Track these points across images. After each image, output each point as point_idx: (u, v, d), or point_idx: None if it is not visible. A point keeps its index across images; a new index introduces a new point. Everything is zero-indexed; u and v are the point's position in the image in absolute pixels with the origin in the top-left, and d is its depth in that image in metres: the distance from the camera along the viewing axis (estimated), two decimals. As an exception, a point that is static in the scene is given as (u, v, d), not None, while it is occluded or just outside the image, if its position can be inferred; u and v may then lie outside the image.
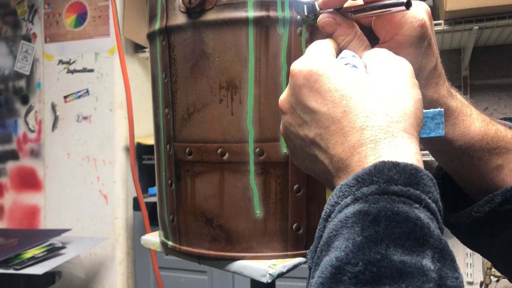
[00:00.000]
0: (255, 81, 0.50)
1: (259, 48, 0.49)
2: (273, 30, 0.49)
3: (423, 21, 0.40)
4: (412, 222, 0.28)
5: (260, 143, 0.50)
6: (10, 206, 2.02)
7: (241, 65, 0.50)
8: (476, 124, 0.45)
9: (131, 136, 1.13)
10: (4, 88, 2.06)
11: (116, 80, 1.85)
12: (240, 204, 0.51)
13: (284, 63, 0.49)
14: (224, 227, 0.52)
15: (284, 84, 0.49)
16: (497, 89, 1.79)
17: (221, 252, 0.52)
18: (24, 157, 2.01)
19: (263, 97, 0.50)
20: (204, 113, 0.51)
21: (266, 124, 0.50)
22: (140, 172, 1.91)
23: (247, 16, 0.49)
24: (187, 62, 0.52)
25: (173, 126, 0.54)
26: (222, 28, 0.50)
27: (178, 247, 0.55)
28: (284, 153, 0.50)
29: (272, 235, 0.51)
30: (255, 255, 0.51)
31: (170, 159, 0.55)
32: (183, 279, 1.76)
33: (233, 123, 0.50)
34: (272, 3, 0.49)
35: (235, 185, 0.51)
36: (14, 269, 1.39)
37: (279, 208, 0.51)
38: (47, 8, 1.97)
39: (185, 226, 0.54)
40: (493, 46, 1.75)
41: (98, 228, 1.87)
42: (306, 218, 0.51)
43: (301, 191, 0.50)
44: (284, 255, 0.51)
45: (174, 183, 0.55)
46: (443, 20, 1.49)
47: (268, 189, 0.50)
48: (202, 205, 0.53)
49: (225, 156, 0.51)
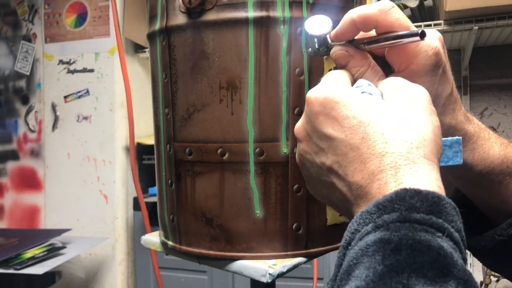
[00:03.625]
0: (255, 81, 0.50)
1: (259, 48, 0.49)
2: (273, 30, 0.49)
3: (437, 49, 0.40)
4: (435, 251, 0.27)
5: (260, 143, 0.50)
6: (10, 206, 2.03)
7: (241, 65, 0.50)
8: (495, 148, 0.44)
9: (131, 136, 1.14)
10: (4, 88, 2.06)
11: (116, 80, 1.85)
12: (240, 204, 0.51)
13: (284, 63, 0.49)
14: (224, 227, 0.52)
15: (284, 84, 0.49)
16: (497, 89, 1.79)
17: (221, 252, 0.52)
18: (24, 157, 2.01)
19: (263, 97, 0.50)
20: (204, 113, 0.51)
21: (266, 124, 0.50)
22: (140, 172, 1.91)
23: (247, 16, 0.49)
24: (187, 62, 0.52)
25: (173, 126, 0.54)
26: (222, 28, 0.50)
27: (178, 247, 0.55)
28: (284, 153, 0.50)
29: (272, 235, 0.51)
30: (255, 255, 0.51)
31: (170, 159, 0.55)
32: (183, 279, 1.76)
33: (233, 123, 0.50)
34: (272, 3, 0.49)
35: (235, 185, 0.51)
36: (14, 269, 1.39)
37: (279, 208, 0.51)
38: (47, 8, 1.97)
39: (185, 226, 0.54)
40: (493, 46, 1.76)
41: (98, 228, 1.87)
42: (306, 218, 0.51)
43: (301, 191, 0.50)
44: (284, 255, 0.51)
45: (174, 183, 0.55)
46: (443, 20, 1.49)
47: (268, 189, 0.50)
48: (202, 205, 0.53)
49: (225, 156, 0.51)
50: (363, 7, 0.40)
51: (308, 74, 0.50)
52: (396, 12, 0.40)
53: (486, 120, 1.79)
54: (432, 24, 1.51)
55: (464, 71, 1.78)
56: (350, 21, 0.40)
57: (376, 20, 0.39)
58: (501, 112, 1.79)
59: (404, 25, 0.39)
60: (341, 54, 0.41)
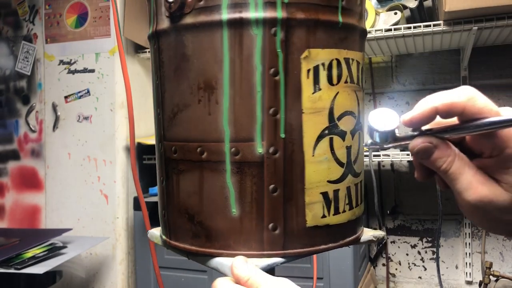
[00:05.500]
0: (230, 82, 0.50)
1: (233, 50, 0.50)
2: (247, 32, 0.50)
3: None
4: None
5: (235, 143, 0.51)
6: (11, 206, 2.03)
7: (217, 66, 0.51)
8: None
9: (131, 136, 1.14)
10: (5, 88, 2.07)
11: (117, 80, 1.86)
12: (218, 202, 0.52)
13: (259, 64, 0.50)
14: (204, 224, 0.53)
15: (258, 85, 0.50)
16: (496, 90, 1.80)
17: (201, 248, 0.53)
18: (25, 157, 2.01)
19: (238, 97, 0.50)
20: (186, 113, 0.53)
21: (240, 124, 0.51)
22: (141, 172, 1.92)
23: (221, 18, 0.50)
24: (172, 64, 0.54)
25: (162, 126, 0.56)
26: (200, 31, 0.51)
27: (168, 241, 0.57)
28: (259, 153, 0.50)
29: (248, 234, 0.51)
30: (232, 253, 0.52)
31: (161, 157, 0.57)
32: (183, 279, 1.76)
33: (210, 123, 0.51)
34: (245, 5, 0.49)
35: (213, 184, 0.52)
36: (15, 269, 1.39)
37: (254, 208, 0.51)
38: (48, 8, 1.97)
39: (173, 221, 0.56)
40: (492, 47, 1.76)
41: (98, 228, 1.87)
42: (283, 219, 0.51)
43: (277, 191, 0.51)
44: (260, 254, 0.51)
45: (164, 180, 0.57)
46: (443, 20, 1.49)
47: (244, 188, 0.51)
48: (186, 202, 0.54)
49: (204, 155, 0.52)
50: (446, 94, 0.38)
51: (283, 74, 0.50)
52: (481, 97, 0.38)
53: (486, 120, 1.80)
54: (432, 25, 1.52)
55: (464, 71, 1.78)
56: (432, 109, 0.38)
57: (463, 107, 0.38)
58: (500, 112, 1.79)
59: (494, 110, 0.37)
60: (425, 147, 0.39)
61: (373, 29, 1.59)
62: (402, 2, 1.66)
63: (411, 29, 1.54)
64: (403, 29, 1.55)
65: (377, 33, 1.58)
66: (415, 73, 1.89)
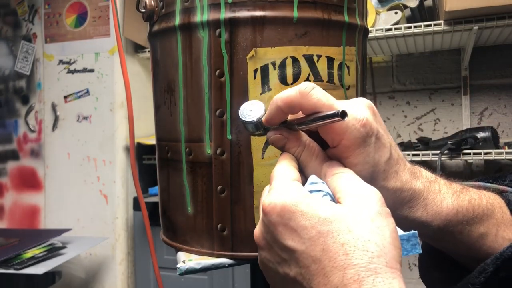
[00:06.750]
0: (184, 84, 0.52)
1: (185, 53, 0.52)
2: (195, 35, 0.51)
3: (365, 120, 0.39)
4: None
5: (189, 143, 0.53)
6: (11, 206, 2.03)
7: (174, 69, 0.53)
8: (447, 199, 0.44)
9: (131, 136, 1.13)
10: (4, 88, 2.06)
11: (116, 80, 1.85)
12: (178, 199, 0.54)
13: (205, 65, 0.51)
14: (171, 219, 0.56)
15: (206, 86, 0.50)
16: (497, 89, 1.79)
17: (170, 241, 0.57)
18: (25, 157, 2.01)
19: (190, 99, 0.52)
20: (158, 114, 0.58)
21: (192, 125, 0.52)
22: (140, 172, 1.91)
23: (175, 24, 0.52)
24: (153, 68, 0.59)
25: None
26: (163, 37, 0.55)
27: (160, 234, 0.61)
28: (208, 154, 0.51)
29: (200, 232, 0.53)
30: (188, 249, 0.54)
31: None
32: (183, 279, 1.76)
33: (172, 123, 0.54)
34: (193, 9, 0.51)
35: (175, 181, 0.55)
36: (14, 269, 1.39)
37: (205, 207, 0.52)
38: (47, 8, 1.97)
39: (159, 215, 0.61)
40: (493, 46, 1.76)
41: (98, 228, 1.87)
42: (231, 220, 0.51)
43: (225, 192, 0.51)
44: (210, 253, 0.52)
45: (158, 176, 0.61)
46: (443, 20, 1.49)
47: (196, 187, 0.52)
48: (161, 197, 0.59)
49: (169, 154, 0.55)
50: (286, 92, 0.40)
51: (229, 75, 0.50)
52: (316, 93, 0.39)
53: (486, 120, 1.80)
54: (432, 24, 1.52)
55: (464, 71, 1.78)
56: (276, 107, 0.41)
57: (299, 103, 0.39)
58: (501, 112, 1.79)
59: (326, 105, 0.39)
60: (276, 138, 0.42)
61: (373, 29, 1.58)
62: (403, 2, 1.66)
63: (411, 29, 1.54)
64: (403, 29, 1.55)
65: (377, 33, 1.58)
66: (415, 73, 1.89)
